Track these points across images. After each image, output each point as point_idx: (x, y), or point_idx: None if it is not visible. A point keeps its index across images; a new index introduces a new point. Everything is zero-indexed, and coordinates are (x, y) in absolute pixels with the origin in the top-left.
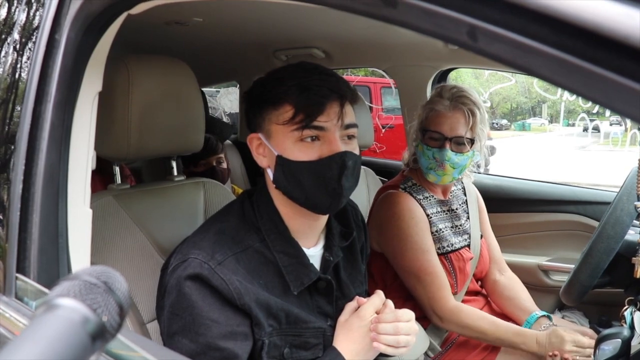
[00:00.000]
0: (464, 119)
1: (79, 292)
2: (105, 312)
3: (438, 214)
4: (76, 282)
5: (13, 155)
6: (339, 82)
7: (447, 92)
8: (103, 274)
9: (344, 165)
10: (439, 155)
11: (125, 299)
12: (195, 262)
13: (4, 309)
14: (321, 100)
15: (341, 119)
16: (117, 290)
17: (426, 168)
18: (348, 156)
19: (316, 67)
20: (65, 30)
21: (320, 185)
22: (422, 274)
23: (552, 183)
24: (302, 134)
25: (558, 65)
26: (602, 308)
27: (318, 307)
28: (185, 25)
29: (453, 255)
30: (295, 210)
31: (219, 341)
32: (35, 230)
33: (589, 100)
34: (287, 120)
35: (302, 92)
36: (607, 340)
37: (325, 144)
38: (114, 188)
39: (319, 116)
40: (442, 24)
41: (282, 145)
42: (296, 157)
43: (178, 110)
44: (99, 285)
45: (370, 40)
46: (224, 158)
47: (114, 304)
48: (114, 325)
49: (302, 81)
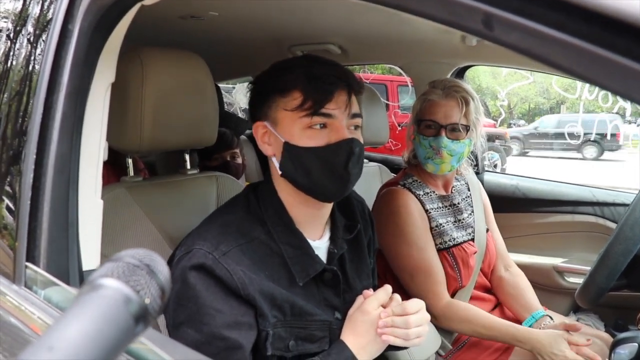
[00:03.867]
0: (457, 106)
1: (122, 274)
2: (147, 294)
3: (439, 209)
4: (119, 263)
5: (25, 145)
6: (346, 72)
7: (440, 83)
8: (146, 257)
9: (352, 151)
10: (435, 143)
11: (167, 282)
12: (199, 252)
13: (14, 297)
14: (330, 88)
15: (349, 107)
16: (159, 273)
17: (424, 158)
18: (355, 143)
19: (321, 58)
20: (78, 21)
21: (327, 171)
22: (416, 271)
23: (569, 184)
24: (310, 120)
25: (576, 54)
26: (618, 311)
27: (325, 299)
28: (201, 19)
29: (455, 249)
30: (300, 200)
31: (223, 331)
32: (45, 219)
33: (607, 90)
34: (296, 107)
35: (311, 80)
36: (622, 344)
37: (332, 131)
38: (127, 180)
39: (327, 103)
40: (457, 11)
41: (289, 131)
42: (304, 143)
43: (191, 103)
44: (142, 267)
45: (386, 36)
46: (239, 153)
47: (156, 286)
48: (155, 308)
49: (310, 69)
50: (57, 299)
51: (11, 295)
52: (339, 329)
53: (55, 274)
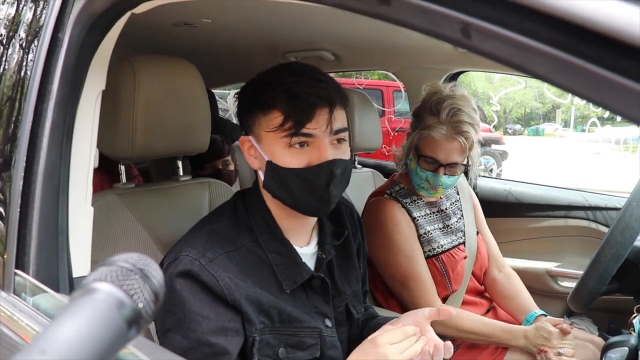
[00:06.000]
0: (460, 147)
1: (116, 278)
2: (141, 298)
3: (426, 216)
4: (113, 267)
5: (15, 152)
6: (328, 87)
7: (445, 113)
8: (139, 261)
9: (332, 174)
10: (432, 179)
11: (160, 287)
12: (186, 259)
13: (2, 304)
14: (310, 108)
15: (330, 125)
16: (152, 277)
17: (417, 185)
18: (337, 164)
19: (305, 70)
20: (69, 29)
21: (308, 191)
22: (406, 279)
23: (562, 188)
24: (291, 140)
25: (552, 62)
26: (611, 315)
27: (315, 306)
28: (194, 26)
29: (444, 256)
30: (286, 211)
31: (210, 337)
32: (34, 226)
33: (584, 99)
34: (276, 127)
35: (291, 99)
36: (613, 348)
37: (314, 150)
38: (119, 187)
39: (307, 123)
40: (436, 21)
41: (271, 150)
42: (285, 163)
43: (183, 110)
44: (136, 271)
45: (378, 42)
46: (231, 160)
47: (150, 291)
48: (149, 312)
49: (290, 87)
50: (45, 306)
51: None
52: (330, 336)
53: (45, 281)
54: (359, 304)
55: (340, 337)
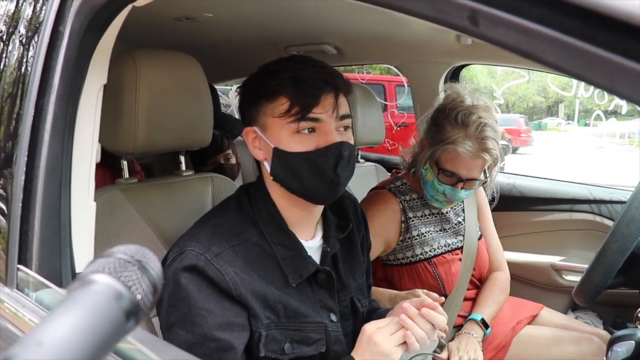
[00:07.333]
0: (484, 164)
1: (114, 269)
2: (139, 290)
3: (423, 217)
4: (111, 259)
5: (16, 147)
6: (332, 73)
7: (473, 128)
8: (138, 252)
9: (341, 155)
10: (450, 193)
11: (159, 278)
12: (191, 254)
13: (5, 299)
14: (316, 92)
15: (336, 110)
16: (151, 269)
17: (431, 197)
18: (344, 146)
19: (309, 59)
20: (69, 23)
21: (317, 175)
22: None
23: (566, 182)
24: (298, 125)
25: (562, 49)
26: (617, 309)
27: (320, 300)
28: (196, 20)
29: (437, 259)
30: (292, 202)
31: (215, 332)
32: (37, 221)
33: (593, 85)
34: (283, 113)
35: (297, 84)
36: (620, 341)
37: (321, 135)
38: (122, 182)
39: (314, 108)
40: (443, 8)
41: (278, 137)
42: (293, 148)
43: (186, 104)
44: (134, 263)
45: (381, 36)
46: (232, 153)
47: (148, 282)
48: (147, 304)
49: (296, 73)
50: (48, 301)
51: (3, 297)
52: (334, 331)
53: (47, 276)
54: (364, 298)
55: (345, 330)
